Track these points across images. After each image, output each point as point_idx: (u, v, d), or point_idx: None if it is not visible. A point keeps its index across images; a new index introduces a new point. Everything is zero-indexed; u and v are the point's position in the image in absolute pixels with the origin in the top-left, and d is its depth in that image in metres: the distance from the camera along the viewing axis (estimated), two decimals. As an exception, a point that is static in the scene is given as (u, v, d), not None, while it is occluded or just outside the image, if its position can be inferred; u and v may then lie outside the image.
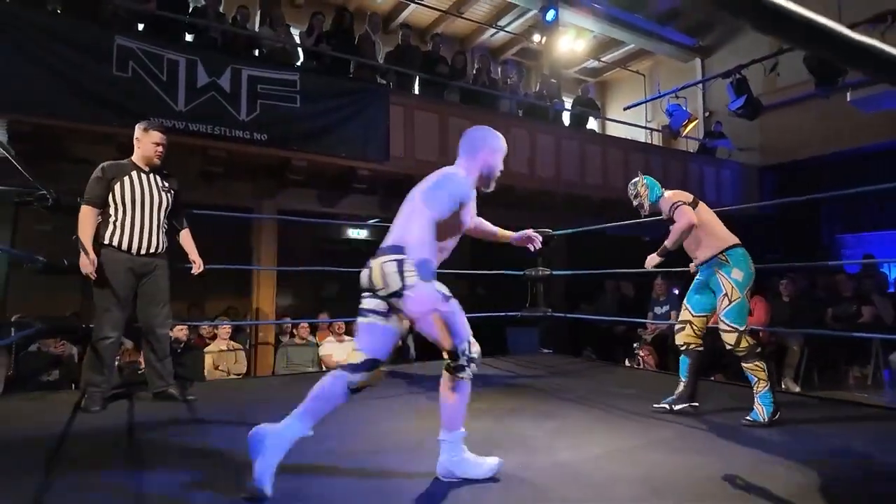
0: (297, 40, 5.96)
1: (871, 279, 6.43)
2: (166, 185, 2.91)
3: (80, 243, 2.63)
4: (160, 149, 2.84)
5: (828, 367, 5.52)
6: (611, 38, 9.95)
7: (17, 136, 4.15)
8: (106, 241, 2.72)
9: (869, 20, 4.47)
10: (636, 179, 2.94)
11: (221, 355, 5.14)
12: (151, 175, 2.86)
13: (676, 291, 6.16)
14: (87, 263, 2.63)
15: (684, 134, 7.35)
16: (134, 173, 2.81)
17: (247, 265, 5.84)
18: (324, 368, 5.47)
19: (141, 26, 5.06)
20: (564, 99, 8.14)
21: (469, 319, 1.89)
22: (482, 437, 2.28)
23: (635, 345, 5.73)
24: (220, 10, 5.56)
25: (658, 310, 5.97)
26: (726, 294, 2.60)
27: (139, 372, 3.80)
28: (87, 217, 2.70)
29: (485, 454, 1.91)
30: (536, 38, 8.67)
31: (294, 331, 5.73)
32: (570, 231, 5.03)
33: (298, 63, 5.81)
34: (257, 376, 5.31)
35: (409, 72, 6.25)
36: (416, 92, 6.56)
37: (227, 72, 4.85)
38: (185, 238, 3.08)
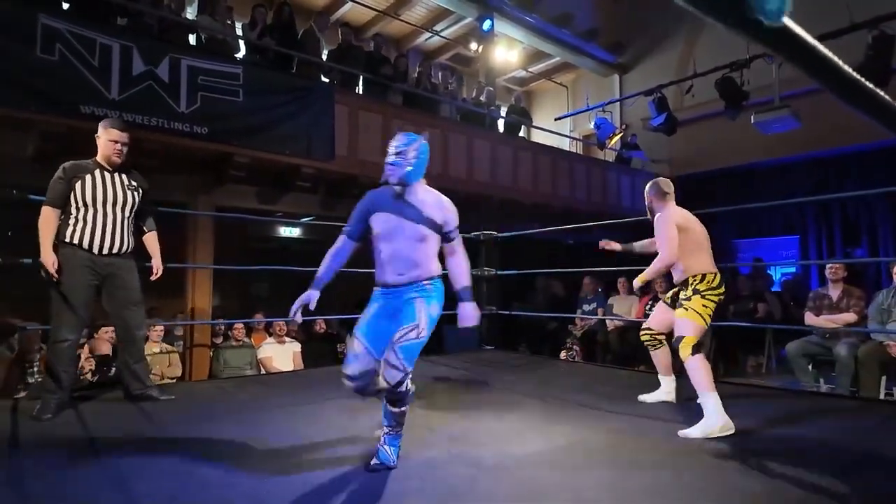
0: (239, 32, 5.76)
1: (763, 280, 7.32)
2: (133, 183, 2.78)
3: (40, 242, 2.47)
4: (118, 146, 2.71)
5: (729, 358, 6.22)
6: (538, 49, 10.45)
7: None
8: (66, 239, 2.57)
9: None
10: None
11: (154, 358, 4.86)
12: (116, 174, 2.73)
13: (600, 290, 6.66)
14: (48, 259, 2.48)
15: (610, 146, 7.91)
16: (97, 172, 2.68)
17: (179, 264, 5.55)
18: (262, 371, 5.34)
19: (66, 5, 4.67)
20: (499, 106, 8.47)
21: None
22: (454, 431, 2.42)
23: (568, 340, 6.13)
24: (156, -6, 5.25)
25: (586, 307, 6.42)
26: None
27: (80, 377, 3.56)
28: (47, 218, 2.56)
29: (458, 448, 2.05)
30: (473, 45, 8.93)
31: (229, 332, 5.53)
32: (511, 234, 5.29)
33: (239, 56, 5.62)
34: (192, 380, 5.08)
35: (355, 71, 6.24)
36: (360, 92, 6.56)
37: (165, 61, 4.60)
38: (151, 240, 2.95)
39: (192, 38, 5.59)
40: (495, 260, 5.26)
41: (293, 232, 8.56)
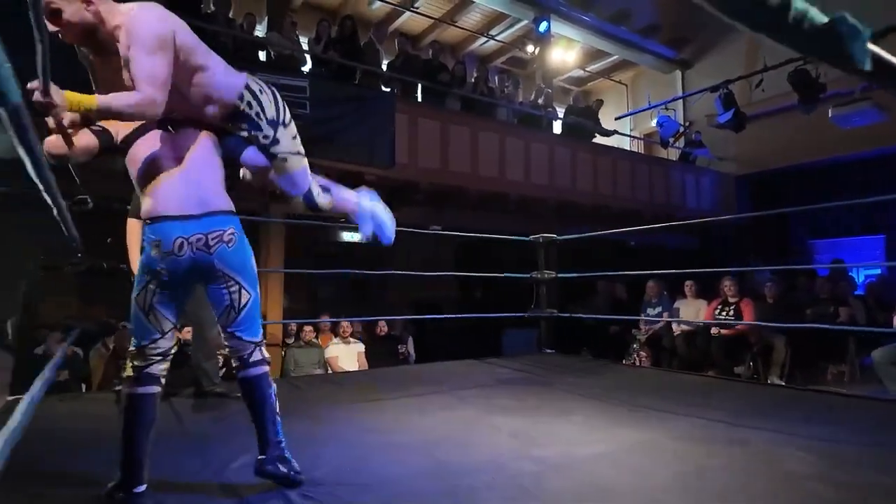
0: (305, 46, 6.06)
1: (844, 282, 6.86)
2: None
3: (129, 252, 2.72)
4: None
5: (808, 365, 5.88)
6: (596, 48, 10.29)
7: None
8: None
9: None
10: None
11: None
12: None
13: (665, 293, 6.47)
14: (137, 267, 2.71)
15: (673, 143, 7.69)
16: None
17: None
18: (329, 371, 5.57)
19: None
20: (556, 108, 8.42)
21: (469, 321, 2.05)
22: (518, 429, 2.46)
23: (634, 345, 6.01)
24: (230, 15, 5.62)
25: (651, 311, 6.26)
26: None
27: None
28: (132, 228, 2.77)
29: (522, 446, 2.09)
30: (529, 48, 8.93)
31: (300, 333, 5.80)
32: (570, 237, 5.25)
33: (305, 69, 5.90)
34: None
35: (414, 80, 6.41)
36: (419, 99, 6.72)
37: (240, 78, 4.91)
38: None
39: (261, 55, 5.93)
40: (554, 263, 5.24)
41: (356, 237, 8.83)
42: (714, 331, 5.52)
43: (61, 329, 4.41)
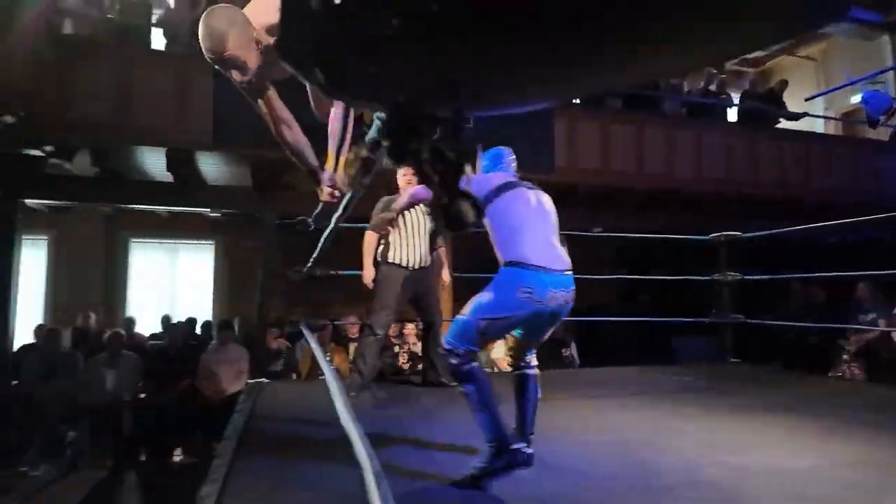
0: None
1: None
2: (427, 209, 3.39)
3: (364, 261, 3.20)
4: (408, 177, 3.30)
5: None
6: (776, 24, 9.20)
7: (257, 167, 5.01)
8: (389, 260, 3.23)
9: None
10: None
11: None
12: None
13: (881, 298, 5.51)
14: (367, 276, 3.19)
15: (886, 122, 6.56)
16: None
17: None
18: (495, 370, 5.76)
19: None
20: (730, 94, 7.71)
21: (634, 326, 1.99)
22: (709, 436, 2.34)
23: (845, 356, 5.24)
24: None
25: (863, 318, 5.39)
26: None
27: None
28: (370, 240, 3.27)
29: (717, 452, 2.05)
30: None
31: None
32: (756, 235, 4.77)
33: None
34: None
35: (571, 83, 6.38)
36: (577, 101, 6.67)
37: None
38: (441, 255, 3.57)
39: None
40: (737, 264, 4.80)
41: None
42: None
43: (279, 326, 5.24)
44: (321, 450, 2.10)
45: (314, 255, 3.25)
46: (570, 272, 1.90)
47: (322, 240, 3.05)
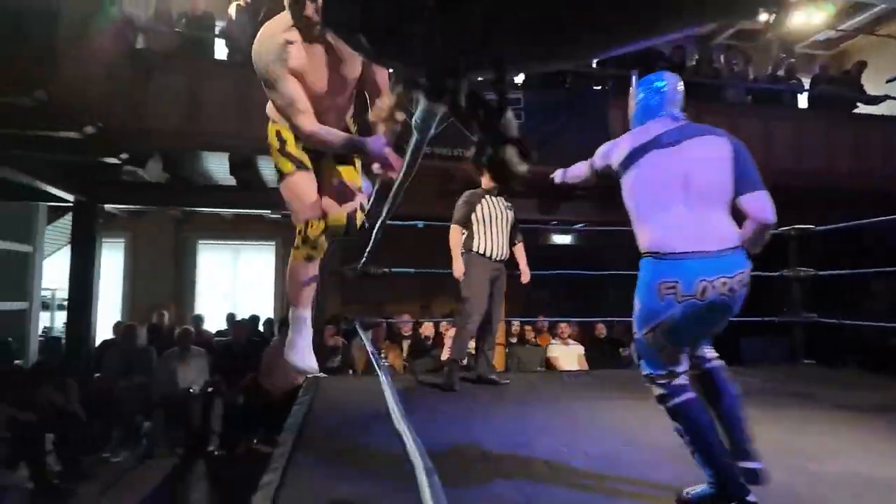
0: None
1: None
2: (509, 204, 3.47)
3: (452, 255, 3.29)
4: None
5: None
6: (851, 3, 8.56)
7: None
8: (474, 250, 3.31)
9: None
10: None
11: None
12: (498, 198, 3.43)
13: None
14: (458, 269, 3.27)
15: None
16: (487, 197, 3.40)
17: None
18: (551, 370, 5.67)
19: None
20: (801, 79, 7.25)
21: None
22: (783, 445, 2.20)
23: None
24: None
25: (954, 317, 4.94)
26: None
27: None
28: (455, 233, 3.36)
29: (791, 462, 1.93)
30: (763, 16, 7.86)
31: (524, 334, 6.04)
32: (832, 227, 4.46)
33: (518, 80, 6.16)
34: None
35: (625, 73, 6.19)
36: (633, 93, 6.47)
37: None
38: (519, 250, 3.60)
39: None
40: (812, 259, 4.50)
41: (566, 239, 8.83)
42: None
43: (335, 323, 5.38)
44: (375, 444, 2.14)
45: (367, 251, 3.31)
46: (733, 250, 1.53)
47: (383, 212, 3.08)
